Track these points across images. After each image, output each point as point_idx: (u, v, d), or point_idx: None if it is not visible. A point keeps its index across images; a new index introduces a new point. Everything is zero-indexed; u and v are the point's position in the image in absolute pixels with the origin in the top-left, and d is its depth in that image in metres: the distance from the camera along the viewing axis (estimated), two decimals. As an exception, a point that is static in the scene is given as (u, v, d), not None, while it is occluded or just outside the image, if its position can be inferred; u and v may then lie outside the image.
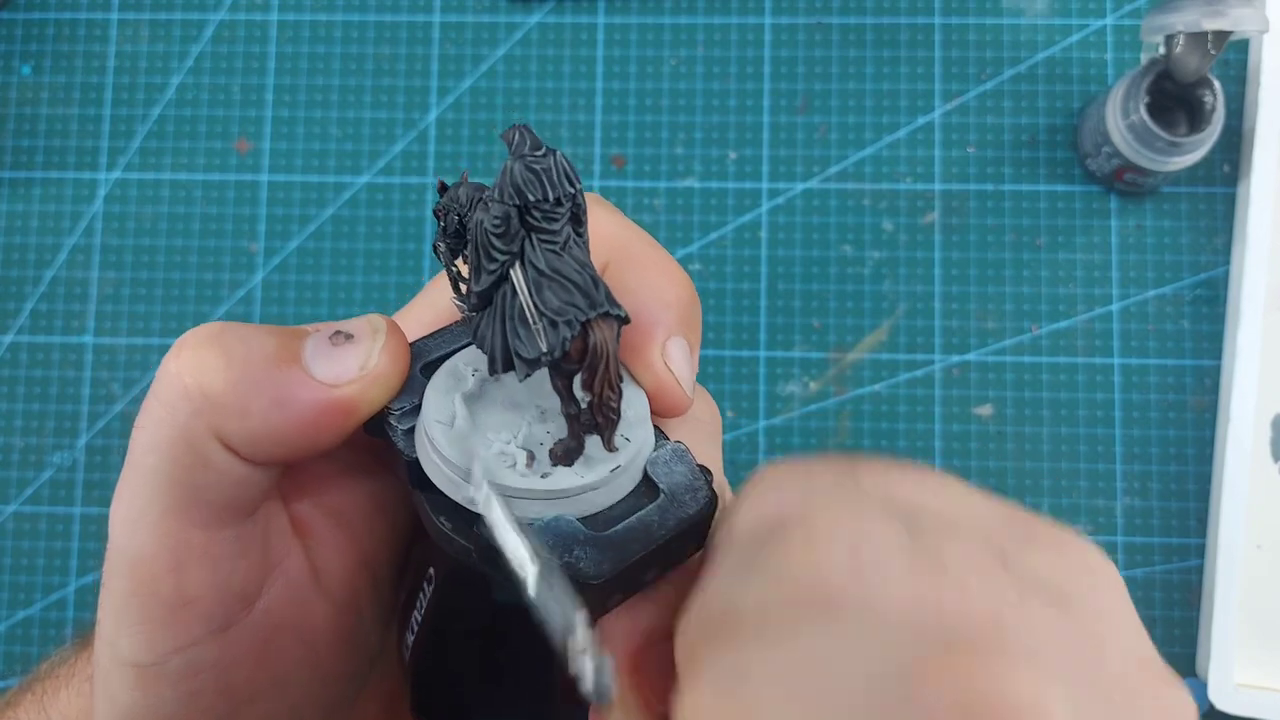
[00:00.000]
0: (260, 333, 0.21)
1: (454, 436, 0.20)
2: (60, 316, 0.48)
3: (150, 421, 0.20)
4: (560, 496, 0.20)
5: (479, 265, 0.20)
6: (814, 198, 0.47)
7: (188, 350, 0.20)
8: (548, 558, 0.18)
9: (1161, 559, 0.44)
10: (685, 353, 0.23)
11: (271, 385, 0.20)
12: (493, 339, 0.20)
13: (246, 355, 0.20)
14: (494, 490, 0.19)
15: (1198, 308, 0.46)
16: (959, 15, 0.48)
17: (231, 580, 0.21)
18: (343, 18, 0.49)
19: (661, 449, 0.21)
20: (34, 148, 0.49)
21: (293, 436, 0.20)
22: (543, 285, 0.19)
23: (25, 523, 0.47)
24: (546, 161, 0.19)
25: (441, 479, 0.20)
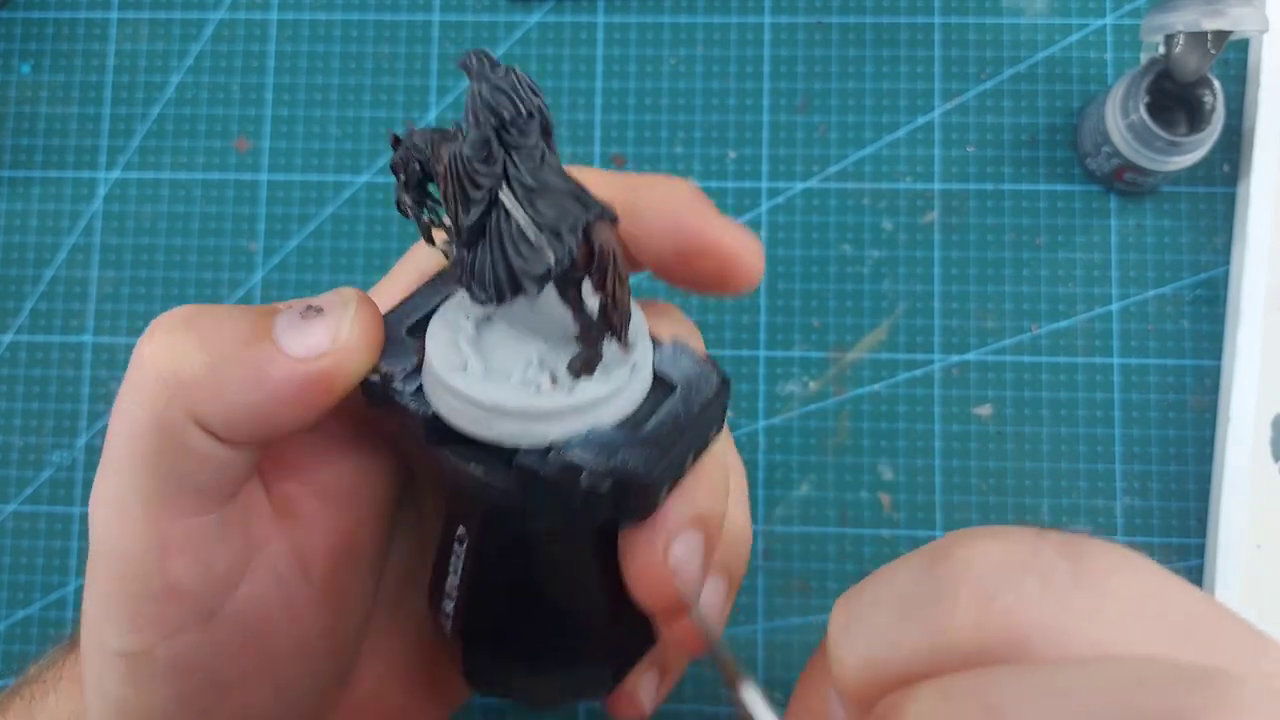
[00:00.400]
0: (232, 313, 0.20)
1: (474, 379, 0.20)
2: (60, 315, 0.48)
3: (125, 409, 0.20)
4: (591, 407, 0.20)
5: (464, 198, 0.19)
6: (813, 197, 0.47)
7: (160, 334, 0.20)
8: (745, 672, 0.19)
9: (1161, 559, 0.44)
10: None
11: (245, 364, 0.20)
12: (494, 267, 0.20)
13: (218, 336, 0.20)
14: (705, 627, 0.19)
15: (1198, 307, 0.46)
16: (959, 14, 0.48)
17: (215, 565, 0.21)
18: (342, 17, 0.49)
19: (661, 349, 0.22)
20: (33, 146, 0.49)
21: (270, 414, 0.20)
22: (535, 199, 0.19)
23: (25, 522, 0.47)
24: (509, 79, 0.19)
25: (471, 421, 0.20)
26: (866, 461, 0.46)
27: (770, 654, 0.45)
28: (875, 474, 0.46)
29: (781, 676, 0.45)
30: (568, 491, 0.19)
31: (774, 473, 0.46)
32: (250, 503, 0.22)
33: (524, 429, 0.19)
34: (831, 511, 0.45)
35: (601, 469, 0.19)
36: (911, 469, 0.45)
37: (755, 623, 0.45)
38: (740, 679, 0.18)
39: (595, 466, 0.19)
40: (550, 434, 0.19)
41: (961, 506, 0.45)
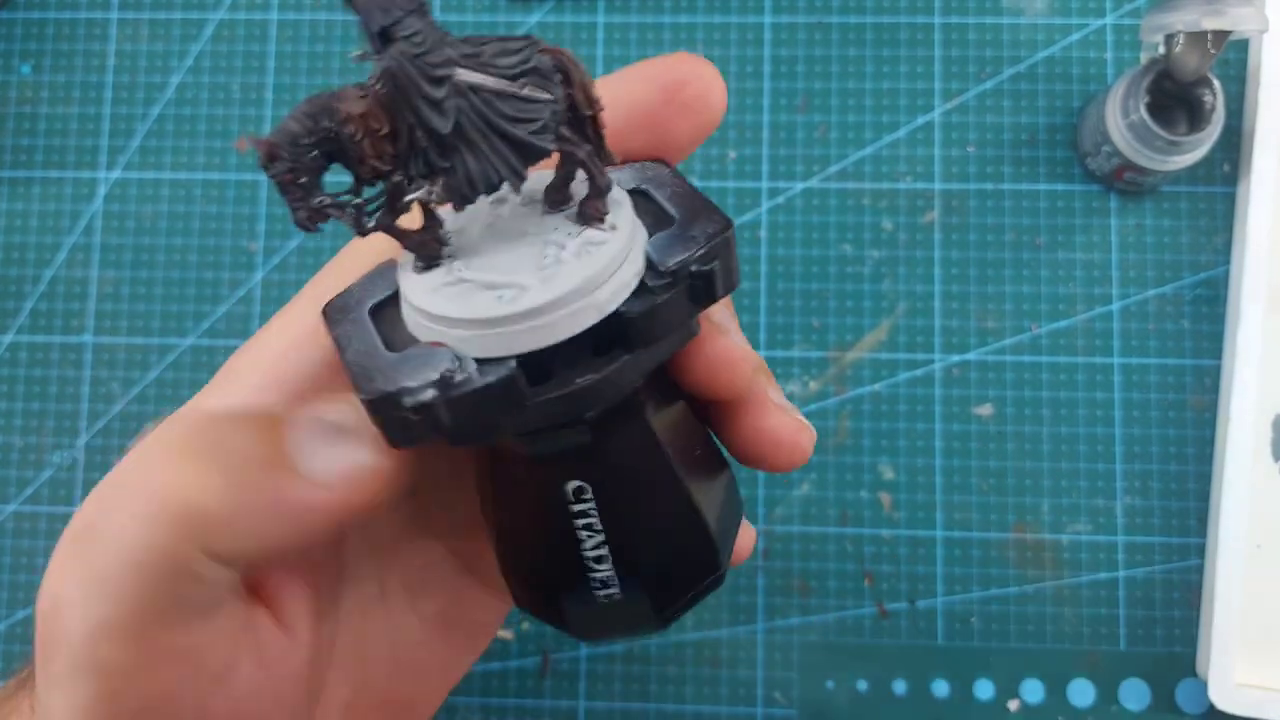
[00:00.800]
0: (238, 431, 0.19)
1: (542, 286, 0.18)
2: (60, 316, 0.48)
3: (125, 534, 0.17)
4: (637, 230, 0.19)
5: (429, 106, 0.18)
6: (814, 197, 0.47)
7: (164, 459, 0.18)
8: None
9: (1161, 558, 0.44)
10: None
11: (264, 493, 0.18)
12: (493, 155, 0.18)
13: (231, 461, 0.18)
14: None
15: (1198, 307, 0.46)
16: (959, 14, 0.48)
17: (208, 664, 0.19)
18: (343, 17, 0.49)
19: (618, 176, 0.21)
20: (33, 147, 0.49)
21: (289, 541, 0.19)
22: (488, 61, 0.18)
23: (25, 522, 0.47)
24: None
25: (569, 322, 0.18)
26: (867, 461, 0.46)
27: (770, 654, 0.45)
28: (876, 474, 0.46)
29: (782, 677, 0.45)
30: (683, 296, 0.18)
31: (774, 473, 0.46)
32: (239, 591, 0.20)
33: (616, 282, 0.18)
34: (832, 511, 0.45)
35: (699, 252, 0.18)
36: (912, 469, 0.45)
37: (755, 623, 0.45)
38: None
39: (693, 253, 0.18)
40: (634, 271, 0.19)
41: (962, 506, 0.45)
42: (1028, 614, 0.44)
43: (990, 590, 0.45)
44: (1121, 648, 0.44)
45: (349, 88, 0.18)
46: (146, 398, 0.48)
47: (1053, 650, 0.44)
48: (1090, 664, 0.44)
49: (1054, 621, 0.44)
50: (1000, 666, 0.44)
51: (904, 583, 0.45)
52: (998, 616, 0.45)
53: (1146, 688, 0.44)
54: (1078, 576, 0.45)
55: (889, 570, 0.45)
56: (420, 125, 0.18)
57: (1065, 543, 0.45)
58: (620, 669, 0.45)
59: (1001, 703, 0.44)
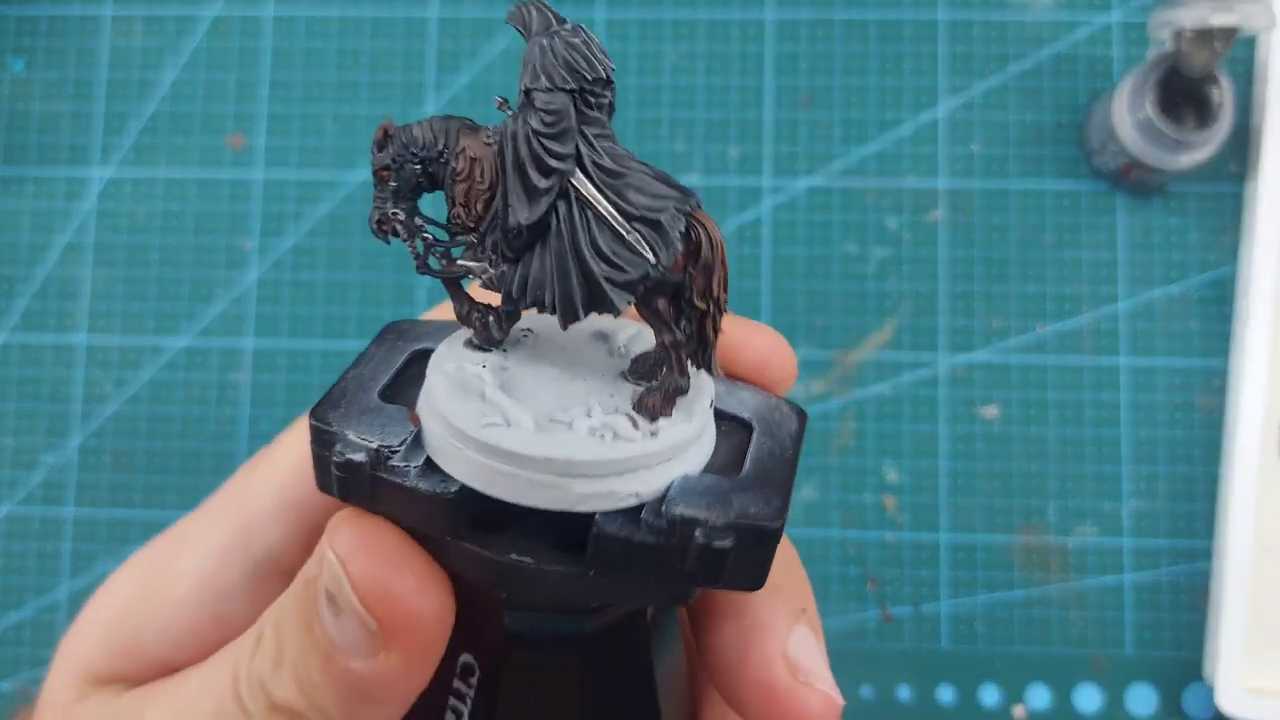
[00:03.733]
0: None
1: (524, 433, 0.16)
2: (53, 315, 0.48)
3: None
4: (681, 451, 0.16)
5: (526, 189, 0.15)
6: (816, 194, 0.47)
7: None
8: None
9: (1168, 561, 0.44)
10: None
11: None
12: (561, 279, 0.16)
13: None
14: None
15: (1205, 307, 0.45)
16: (964, 10, 0.47)
17: None
18: (339, 13, 0.49)
19: (699, 382, 0.18)
20: (26, 144, 0.49)
21: None
22: (620, 185, 0.15)
23: (17, 524, 0.47)
24: (582, 33, 0.15)
25: (526, 490, 0.15)
26: (870, 463, 0.45)
27: (772, 658, 0.44)
28: (880, 475, 0.45)
29: (784, 681, 0.44)
30: (674, 556, 0.15)
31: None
32: None
33: (603, 488, 0.15)
34: (835, 514, 0.45)
35: (721, 521, 0.15)
36: (916, 470, 0.45)
37: (757, 626, 0.44)
38: None
39: (713, 519, 0.15)
40: (634, 490, 0.16)
41: (966, 509, 0.45)
42: (1033, 618, 0.44)
43: (995, 594, 0.44)
44: (1128, 652, 0.44)
45: (489, 128, 0.16)
46: (140, 398, 0.47)
47: (1059, 654, 0.44)
48: (1097, 668, 0.44)
49: (1060, 625, 0.44)
50: (1006, 671, 0.44)
51: (908, 587, 0.44)
52: (1003, 621, 0.44)
53: (1153, 692, 0.43)
54: (1084, 580, 0.44)
55: (893, 574, 0.44)
56: (505, 202, 0.16)
57: (1071, 546, 0.44)
58: (620, 674, 0.45)
59: (1007, 708, 0.44)
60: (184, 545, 0.21)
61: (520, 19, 0.16)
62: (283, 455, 0.21)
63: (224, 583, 0.20)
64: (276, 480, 0.21)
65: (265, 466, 0.21)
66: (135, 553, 0.22)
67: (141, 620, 0.21)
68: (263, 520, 0.21)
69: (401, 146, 0.17)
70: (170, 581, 0.21)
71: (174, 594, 0.21)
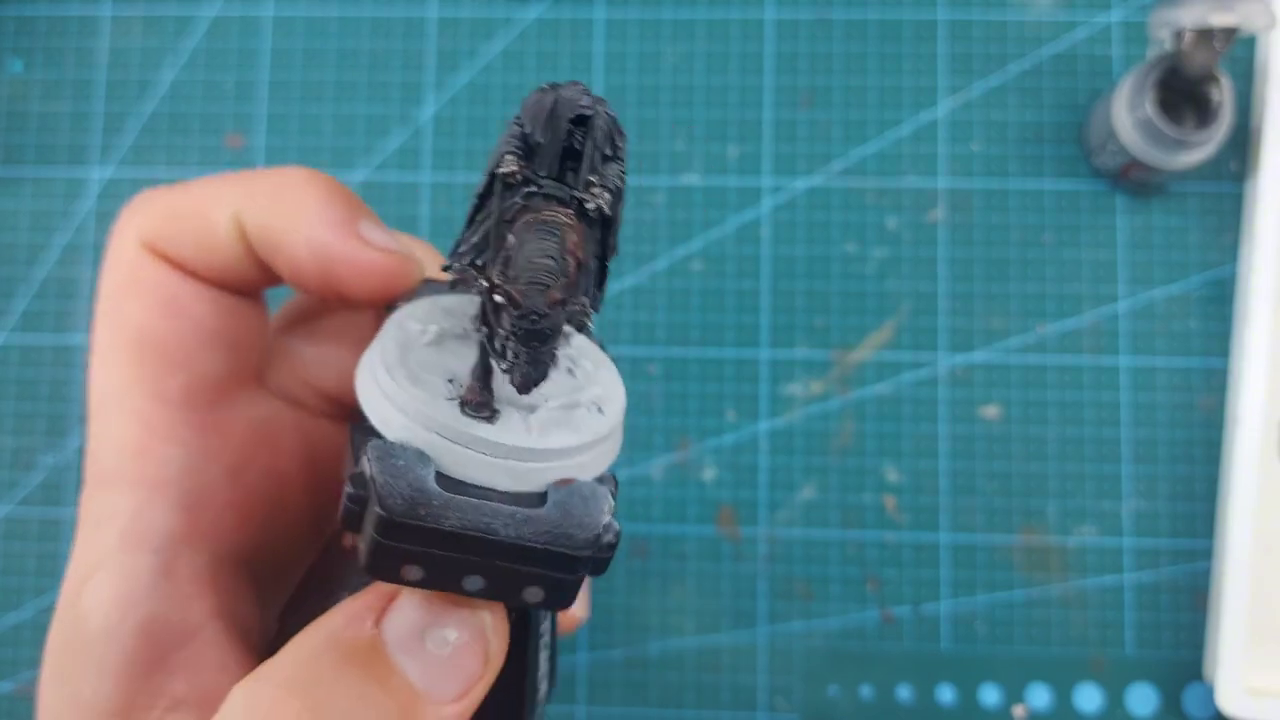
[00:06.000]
0: None
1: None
2: (51, 316, 0.48)
3: None
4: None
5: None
6: (816, 194, 0.47)
7: None
8: None
9: (1169, 562, 0.44)
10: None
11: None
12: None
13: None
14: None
15: (1205, 307, 0.45)
16: (963, 9, 0.47)
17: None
18: (338, 13, 0.49)
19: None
20: (25, 144, 0.49)
21: None
22: None
23: (15, 525, 0.47)
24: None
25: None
26: (870, 464, 0.45)
27: (772, 659, 0.44)
28: (879, 476, 0.45)
29: (784, 683, 0.44)
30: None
31: (776, 475, 0.45)
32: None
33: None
34: (834, 514, 0.45)
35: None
36: (916, 471, 0.45)
37: (756, 628, 0.44)
38: None
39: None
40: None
41: (967, 509, 0.45)
42: (1033, 618, 0.44)
43: (995, 594, 0.44)
44: (1128, 652, 0.44)
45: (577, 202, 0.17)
46: (139, 399, 0.47)
47: (1059, 655, 0.44)
48: (1097, 669, 0.44)
49: (1060, 626, 0.44)
50: (1006, 672, 0.44)
51: (908, 587, 0.44)
52: (1003, 621, 0.44)
53: (1154, 692, 0.43)
54: (1084, 580, 0.44)
55: (893, 574, 0.44)
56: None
57: (1071, 546, 0.44)
58: (621, 675, 0.45)
59: (1007, 708, 0.44)
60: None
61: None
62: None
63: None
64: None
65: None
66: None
67: None
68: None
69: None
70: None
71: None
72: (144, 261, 0.21)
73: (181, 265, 0.21)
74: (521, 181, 0.16)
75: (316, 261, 0.20)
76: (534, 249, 0.15)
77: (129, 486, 0.21)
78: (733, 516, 0.45)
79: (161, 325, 0.21)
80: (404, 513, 0.15)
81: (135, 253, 0.21)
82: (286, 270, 0.21)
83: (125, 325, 0.21)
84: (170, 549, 0.20)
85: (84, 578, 0.20)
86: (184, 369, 0.21)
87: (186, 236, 0.20)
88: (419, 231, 0.47)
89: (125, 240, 0.21)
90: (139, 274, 0.21)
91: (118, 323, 0.21)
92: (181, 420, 0.21)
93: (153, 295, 0.21)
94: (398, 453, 0.16)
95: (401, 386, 0.16)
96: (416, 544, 0.15)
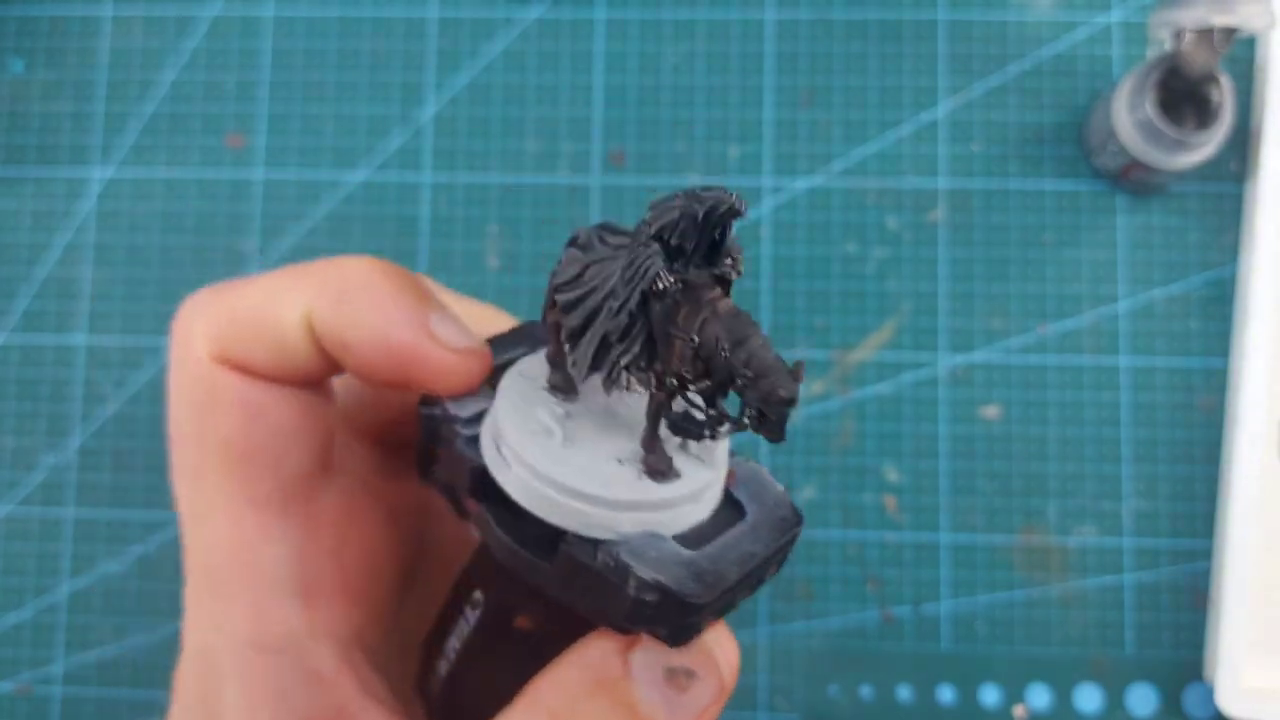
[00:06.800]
0: None
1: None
2: (52, 315, 0.48)
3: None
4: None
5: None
6: (817, 194, 0.47)
7: None
8: None
9: (1169, 561, 0.44)
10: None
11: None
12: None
13: None
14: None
15: (1205, 307, 0.45)
16: (964, 10, 0.47)
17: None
18: (339, 13, 0.49)
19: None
20: (26, 144, 0.49)
21: None
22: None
23: (17, 525, 0.47)
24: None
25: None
26: (871, 463, 0.45)
27: (772, 659, 0.44)
28: (880, 476, 0.45)
29: (784, 682, 0.44)
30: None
31: (777, 476, 0.45)
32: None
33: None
34: (835, 514, 0.45)
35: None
36: (916, 471, 0.45)
37: (757, 627, 0.44)
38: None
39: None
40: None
41: (967, 509, 0.45)
42: (1034, 618, 0.44)
43: (996, 594, 0.44)
44: (1128, 652, 0.44)
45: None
46: (140, 399, 0.47)
47: (1059, 655, 0.44)
48: (1097, 669, 0.44)
49: (1060, 626, 0.44)
50: (1006, 672, 0.44)
51: (908, 587, 0.44)
52: (1003, 621, 0.44)
53: (1154, 692, 0.43)
54: (1084, 580, 0.44)
55: (893, 574, 0.44)
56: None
57: (1072, 546, 0.44)
58: (620, 674, 0.45)
59: (1007, 708, 0.44)
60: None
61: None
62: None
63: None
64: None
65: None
66: None
67: None
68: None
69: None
70: None
71: None
72: (218, 374, 0.21)
73: (256, 371, 0.21)
74: (672, 286, 0.18)
75: (390, 362, 0.20)
76: (758, 344, 0.18)
77: (245, 591, 0.21)
78: (733, 516, 0.45)
79: (248, 435, 0.21)
80: (700, 593, 0.17)
81: (207, 366, 0.20)
82: (357, 368, 0.21)
83: (211, 440, 0.21)
84: (298, 645, 0.21)
85: (215, 690, 0.20)
86: (274, 472, 0.21)
87: (258, 343, 0.20)
88: (419, 230, 0.47)
89: (192, 351, 0.21)
90: (216, 388, 0.20)
91: (203, 438, 0.21)
92: (281, 520, 0.21)
93: (235, 408, 0.20)
94: (640, 545, 0.18)
95: (611, 490, 0.18)
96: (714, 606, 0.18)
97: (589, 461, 0.19)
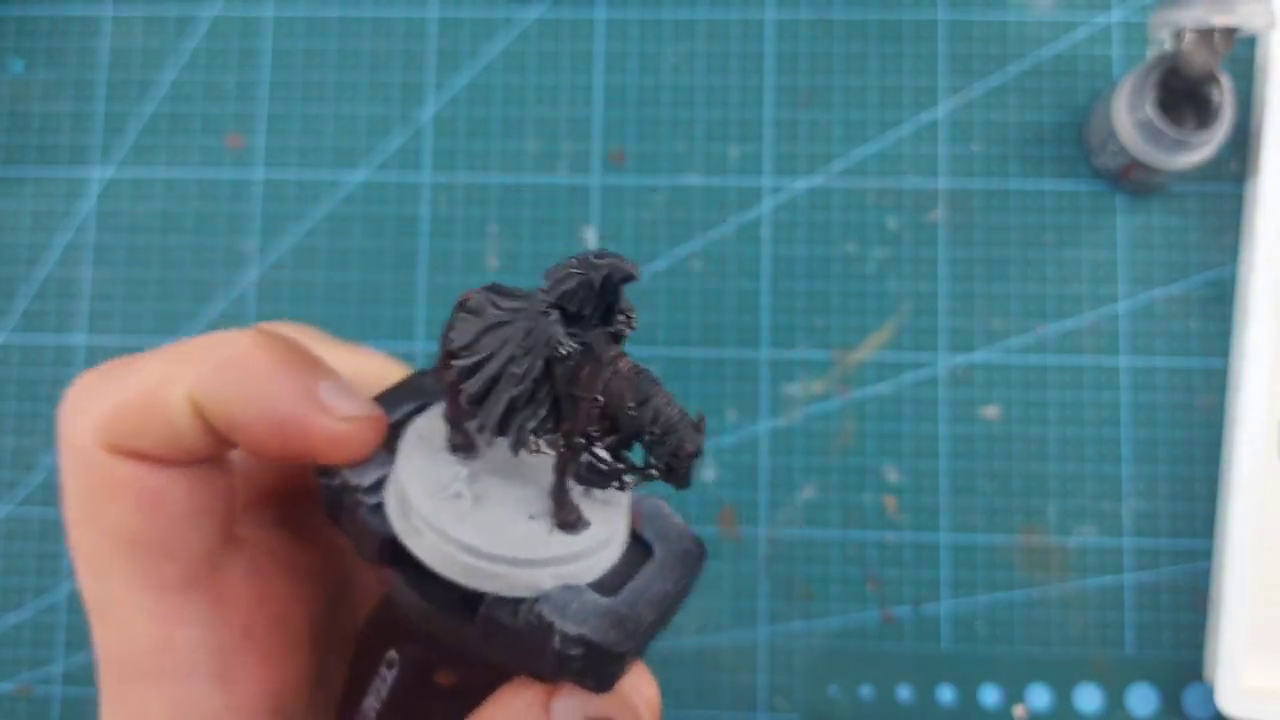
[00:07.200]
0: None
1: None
2: (52, 315, 0.48)
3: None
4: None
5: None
6: (817, 194, 0.47)
7: None
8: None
9: (1169, 561, 0.44)
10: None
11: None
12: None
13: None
14: None
15: (1205, 307, 0.45)
16: (964, 10, 0.47)
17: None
18: (339, 13, 0.49)
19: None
20: (26, 144, 0.49)
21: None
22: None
23: (16, 525, 0.47)
24: None
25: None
26: (871, 464, 0.45)
27: (772, 659, 0.44)
28: (880, 476, 0.45)
29: (784, 682, 0.44)
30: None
31: (777, 476, 0.45)
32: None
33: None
34: (835, 514, 0.45)
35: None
36: (916, 471, 0.45)
37: (757, 627, 0.44)
38: None
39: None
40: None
41: (967, 509, 0.45)
42: (1034, 618, 0.44)
43: (996, 594, 0.44)
44: (1128, 652, 0.44)
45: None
46: (140, 399, 0.47)
47: (1059, 655, 0.44)
48: (1097, 669, 0.44)
49: (1060, 626, 0.44)
50: (1006, 672, 0.44)
51: (908, 587, 0.44)
52: (1003, 621, 0.44)
53: (1154, 692, 0.43)
54: (1084, 580, 0.44)
55: (893, 575, 0.44)
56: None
57: (1072, 546, 0.44)
58: (620, 674, 0.45)
59: (1007, 708, 0.44)
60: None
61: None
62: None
63: None
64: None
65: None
66: None
67: None
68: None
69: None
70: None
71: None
72: (111, 464, 0.20)
73: (149, 456, 0.20)
74: (575, 351, 0.18)
75: (280, 438, 0.19)
76: (661, 401, 0.18)
77: (161, 679, 0.20)
78: (733, 516, 0.45)
79: (148, 524, 0.20)
80: (622, 640, 0.18)
81: (99, 456, 0.20)
82: (248, 446, 0.20)
83: (109, 530, 0.20)
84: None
85: None
86: (178, 556, 0.20)
87: (147, 429, 0.20)
88: (419, 230, 0.47)
89: (81, 442, 0.20)
90: (111, 478, 0.20)
91: (100, 528, 0.20)
92: (190, 603, 0.21)
93: (131, 497, 0.20)
94: (560, 600, 0.18)
95: (528, 549, 0.18)
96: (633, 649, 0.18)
97: (501, 521, 0.19)
